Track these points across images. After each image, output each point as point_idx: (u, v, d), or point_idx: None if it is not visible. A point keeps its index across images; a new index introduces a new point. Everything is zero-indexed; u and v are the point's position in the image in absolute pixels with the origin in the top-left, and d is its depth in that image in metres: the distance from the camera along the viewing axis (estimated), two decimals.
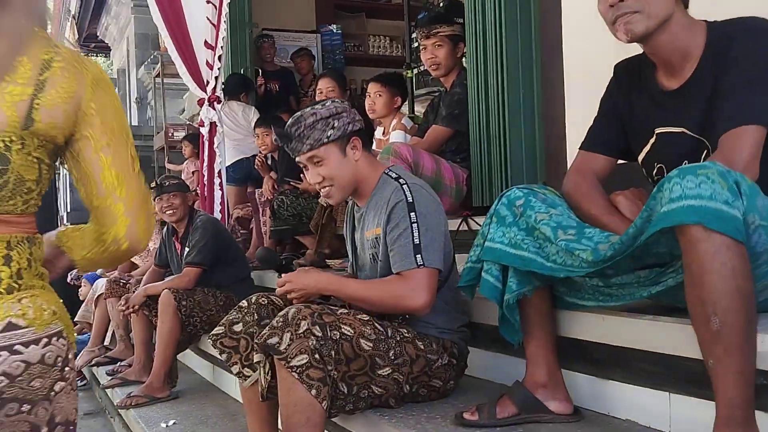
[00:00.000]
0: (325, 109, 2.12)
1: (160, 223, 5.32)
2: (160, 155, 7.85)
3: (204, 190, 4.94)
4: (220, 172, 4.88)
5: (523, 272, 1.79)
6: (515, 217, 1.80)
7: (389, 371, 2.00)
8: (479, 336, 2.34)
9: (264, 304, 2.20)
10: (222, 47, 4.78)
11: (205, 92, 4.89)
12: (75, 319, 5.71)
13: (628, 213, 1.74)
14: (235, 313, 2.23)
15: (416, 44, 4.39)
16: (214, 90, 4.86)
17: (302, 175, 4.22)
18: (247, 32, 5.70)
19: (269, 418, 2.25)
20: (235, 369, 2.24)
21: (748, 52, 1.62)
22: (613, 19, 1.69)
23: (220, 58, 4.78)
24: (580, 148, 1.95)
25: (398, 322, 2.10)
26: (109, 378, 4.24)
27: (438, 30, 3.36)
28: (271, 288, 2.38)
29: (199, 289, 3.78)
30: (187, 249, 3.91)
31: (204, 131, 4.95)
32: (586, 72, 2.83)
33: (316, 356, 1.84)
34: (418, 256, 2.01)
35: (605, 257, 1.59)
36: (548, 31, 3.08)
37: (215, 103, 4.89)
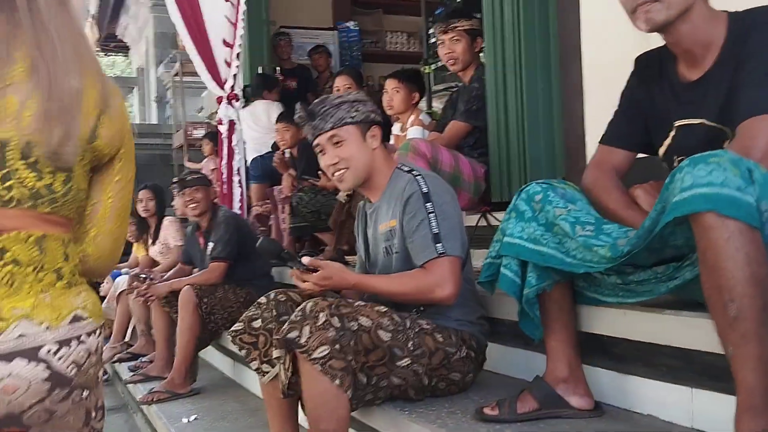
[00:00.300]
0: (350, 95, 2.19)
1: (180, 221, 5.38)
2: (179, 153, 7.90)
3: (223, 188, 4.97)
4: (239, 170, 4.91)
5: (543, 267, 1.79)
6: (534, 212, 1.80)
7: (408, 362, 2.00)
8: (499, 331, 2.34)
9: (282, 300, 2.21)
10: (240, 45, 4.81)
11: (224, 90, 4.92)
12: None
13: (646, 206, 1.73)
14: (254, 310, 2.25)
15: (434, 40, 4.38)
16: (232, 88, 4.89)
17: (320, 172, 4.25)
18: (264, 30, 5.73)
19: (289, 413, 2.26)
20: (255, 365, 2.25)
21: None
22: (634, 7, 1.67)
23: (238, 56, 4.80)
24: (599, 143, 1.94)
25: (416, 314, 2.11)
26: (131, 374, 4.29)
27: (455, 25, 3.36)
28: (291, 284, 2.38)
29: (220, 286, 3.81)
30: (211, 244, 3.94)
31: (223, 129, 4.98)
32: (605, 65, 2.82)
33: (337, 347, 1.86)
34: (439, 245, 2.03)
35: (623, 252, 1.59)
36: (567, 25, 3.07)
37: (234, 101, 4.92)
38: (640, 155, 1.95)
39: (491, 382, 2.28)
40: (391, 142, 3.85)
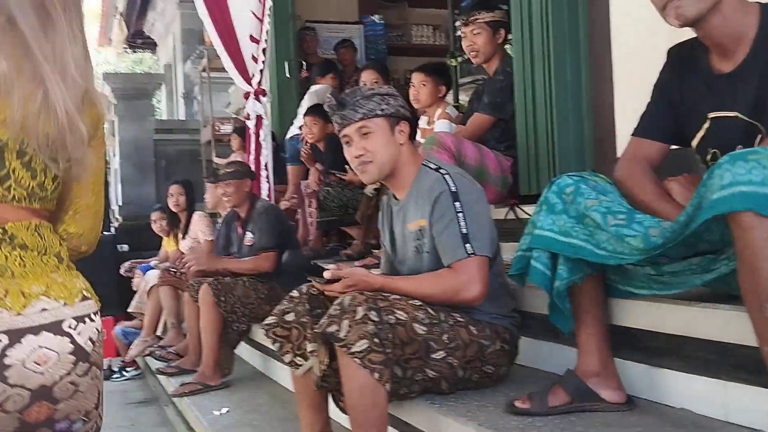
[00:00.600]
0: (382, 88, 2.20)
1: (210, 216, 5.44)
2: (207, 149, 7.96)
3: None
4: (266, 165, 4.94)
5: (574, 260, 1.78)
6: (565, 204, 1.79)
7: (443, 355, 2.01)
8: (529, 325, 2.33)
9: (315, 294, 2.23)
10: (266, 40, 4.83)
11: (251, 85, 4.95)
12: (129, 310, 5.86)
13: (681, 199, 1.72)
14: (287, 303, 2.27)
15: (459, 32, 4.37)
16: (259, 83, 4.92)
17: (347, 166, 4.27)
18: (290, 25, 5.75)
19: (321, 406, 2.28)
20: (288, 358, 2.27)
21: None
22: (664, 4, 1.66)
23: (264, 51, 4.83)
24: (632, 135, 1.92)
25: (450, 307, 2.10)
26: (164, 366, 4.34)
27: (476, 17, 3.34)
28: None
29: (240, 284, 3.84)
30: (251, 234, 4.01)
31: (250, 124, 5.01)
32: (635, 56, 2.79)
33: (376, 340, 1.87)
34: (468, 245, 2.02)
35: (656, 244, 1.58)
36: (596, 15, 3.04)
37: (261, 96, 4.95)
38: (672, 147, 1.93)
39: (521, 376, 2.28)
40: (418, 135, 3.84)
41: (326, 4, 7.00)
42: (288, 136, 5.41)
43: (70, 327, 1.14)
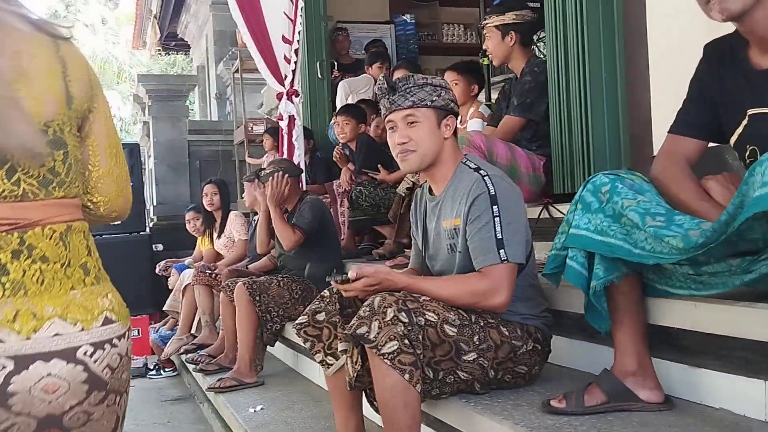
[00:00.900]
0: (436, 80, 2.18)
1: (244, 215, 5.50)
2: (240, 149, 8.04)
3: None
4: (299, 165, 4.97)
5: (611, 259, 1.77)
6: (601, 203, 1.78)
7: (474, 356, 2.01)
8: (564, 324, 2.32)
9: None
10: (299, 41, 4.86)
11: (283, 86, 4.98)
12: (164, 308, 5.95)
13: (720, 199, 1.69)
14: (317, 303, 2.29)
15: None
16: (291, 84, 4.95)
17: (380, 165, 4.28)
18: (322, 25, 5.77)
19: (354, 404, 2.29)
20: (319, 357, 2.29)
21: None
22: None
23: (297, 52, 4.86)
24: (668, 132, 1.90)
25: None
26: (202, 364, 4.38)
27: (486, 21, 3.36)
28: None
29: (275, 283, 3.88)
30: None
31: (283, 125, 5.05)
32: (672, 52, 2.75)
33: (406, 342, 1.87)
34: (502, 251, 2.00)
35: (696, 244, 1.55)
36: (631, 11, 3.00)
37: (293, 97, 4.98)
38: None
39: (556, 375, 2.27)
40: None
41: (357, 5, 7.02)
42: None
43: (85, 354, 1.06)
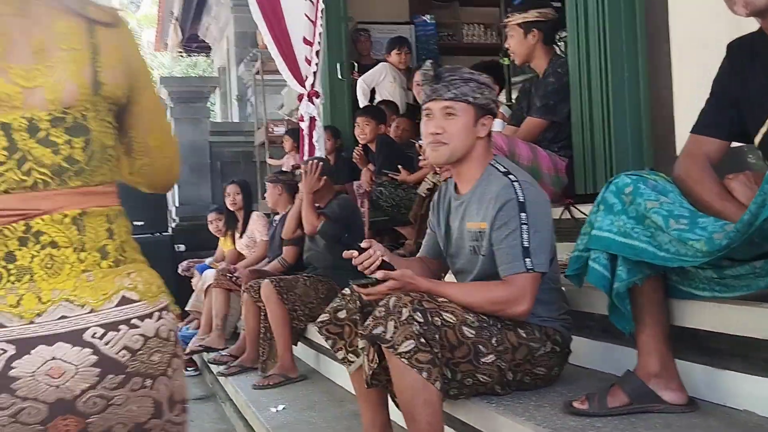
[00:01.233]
0: (482, 77, 2.17)
1: (266, 215, 5.54)
2: (261, 150, 8.08)
3: None
4: None
5: (634, 261, 1.76)
6: (624, 204, 1.77)
7: (492, 358, 2.00)
8: (587, 325, 2.31)
9: None
10: (320, 43, 4.88)
11: (304, 87, 5.01)
12: (186, 309, 5.99)
13: (743, 198, 1.68)
14: (338, 301, 2.30)
15: None
16: (312, 85, 4.97)
17: (400, 166, 4.29)
18: (343, 26, 5.79)
19: (379, 402, 2.29)
20: (341, 355, 2.31)
21: None
22: None
23: (318, 53, 4.88)
24: (691, 132, 1.89)
25: None
26: (225, 366, 4.41)
27: (509, 19, 3.34)
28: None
29: (301, 282, 3.91)
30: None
31: (303, 126, 5.07)
32: (694, 51, 2.73)
33: (422, 340, 1.87)
34: (528, 260, 2.00)
35: (720, 246, 1.54)
36: (653, 9, 2.98)
37: (314, 98, 5.00)
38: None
39: (579, 377, 2.26)
40: None
41: (377, 5, 7.03)
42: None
43: (94, 336, 1.01)
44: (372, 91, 5.84)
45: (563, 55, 3.37)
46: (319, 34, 4.86)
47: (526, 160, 3.02)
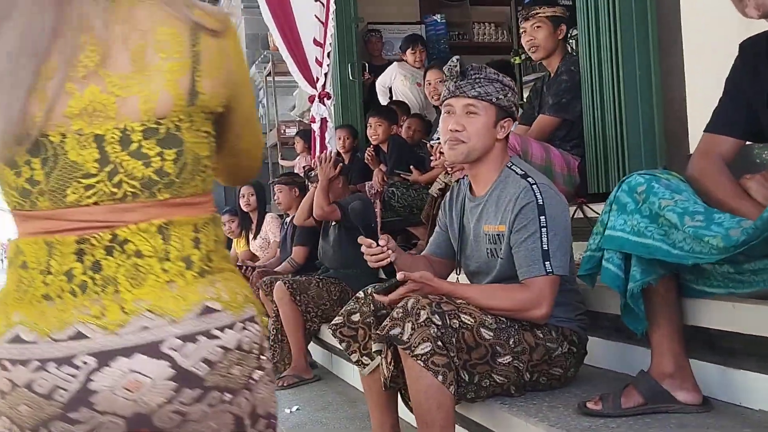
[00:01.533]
0: (507, 80, 2.17)
1: (279, 216, 5.55)
2: (272, 152, 8.10)
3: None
4: None
5: (647, 260, 1.75)
6: (637, 203, 1.76)
7: (509, 359, 2.00)
8: (600, 325, 2.30)
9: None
10: (330, 44, 4.89)
11: (315, 89, 5.02)
12: None
13: (760, 198, 1.66)
14: (353, 304, 2.31)
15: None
16: (323, 86, 4.98)
17: (412, 166, 4.28)
18: (353, 27, 5.79)
19: (389, 405, 2.30)
20: (354, 357, 2.31)
21: None
22: None
23: (329, 54, 4.89)
24: (705, 131, 1.87)
25: None
26: None
27: (537, 11, 3.30)
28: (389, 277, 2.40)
29: (314, 283, 3.92)
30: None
31: (315, 127, 5.09)
32: (707, 48, 2.71)
33: (439, 343, 1.87)
34: (547, 263, 1.99)
35: (738, 242, 1.53)
36: (665, 7, 2.97)
37: (325, 99, 5.02)
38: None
39: (592, 377, 2.25)
40: None
41: (387, 6, 7.03)
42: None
43: (171, 348, 0.96)
44: (390, 90, 5.85)
45: (575, 54, 3.36)
46: (330, 35, 4.87)
47: (539, 159, 3.02)
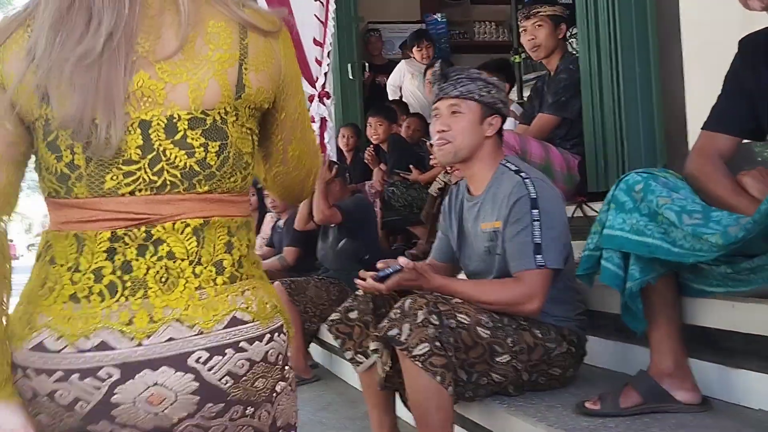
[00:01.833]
0: (490, 77, 2.18)
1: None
2: None
3: None
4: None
5: (647, 259, 1.74)
6: (635, 202, 1.75)
7: (508, 358, 1.99)
8: (599, 325, 2.30)
9: (379, 293, 2.25)
10: (330, 44, 4.88)
11: (315, 88, 5.01)
12: None
13: (757, 193, 1.66)
14: (351, 301, 2.31)
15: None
16: (323, 86, 4.97)
17: (412, 165, 4.28)
18: (353, 27, 5.79)
19: (387, 403, 2.30)
20: (349, 355, 2.31)
21: None
22: None
23: (329, 54, 4.88)
24: (702, 129, 1.87)
25: None
26: None
27: (538, 10, 3.30)
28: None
29: (312, 284, 3.91)
30: None
31: (315, 127, 5.07)
32: (706, 46, 2.70)
33: (437, 344, 1.87)
34: (539, 256, 1.98)
35: (737, 238, 1.52)
36: (664, 5, 2.96)
37: (325, 99, 5.01)
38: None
39: (591, 377, 2.25)
40: None
41: (388, 5, 7.02)
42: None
43: (198, 361, 0.93)
44: (400, 89, 5.83)
45: (574, 52, 3.36)
46: (330, 34, 4.86)
47: (538, 159, 3.01)
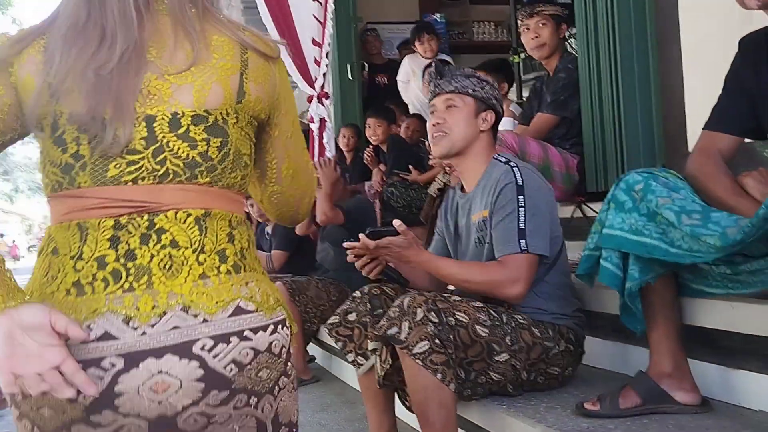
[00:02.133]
0: (485, 76, 2.25)
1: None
2: None
3: None
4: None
5: (646, 259, 1.73)
6: (635, 202, 1.74)
7: (506, 357, 1.99)
8: (598, 325, 2.29)
9: (376, 294, 2.25)
10: (329, 44, 4.88)
11: (314, 89, 5.01)
12: None
13: (757, 194, 1.65)
14: (349, 303, 2.30)
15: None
16: (322, 86, 4.97)
17: (411, 166, 4.27)
18: (352, 27, 5.78)
19: (386, 404, 2.30)
20: (350, 357, 2.30)
21: None
22: None
23: (327, 54, 4.88)
24: (703, 128, 1.86)
25: (512, 309, 2.08)
26: None
27: (542, 8, 3.29)
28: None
29: (313, 284, 3.91)
30: None
31: (314, 127, 5.07)
32: (705, 46, 2.70)
33: (437, 341, 1.87)
34: (522, 241, 1.99)
35: (735, 240, 1.51)
36: (663, 4, 2.95)
37: (324, 99, 5.00)
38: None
39: (590, 377, 2.24)
40: None
41: (387, 5, 7.02)
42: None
43: (203, 349, 0.95)
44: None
45: (573, 52, 3.35)
46: (329, 35, 4.86)
47: (537, 159, 3.01)
